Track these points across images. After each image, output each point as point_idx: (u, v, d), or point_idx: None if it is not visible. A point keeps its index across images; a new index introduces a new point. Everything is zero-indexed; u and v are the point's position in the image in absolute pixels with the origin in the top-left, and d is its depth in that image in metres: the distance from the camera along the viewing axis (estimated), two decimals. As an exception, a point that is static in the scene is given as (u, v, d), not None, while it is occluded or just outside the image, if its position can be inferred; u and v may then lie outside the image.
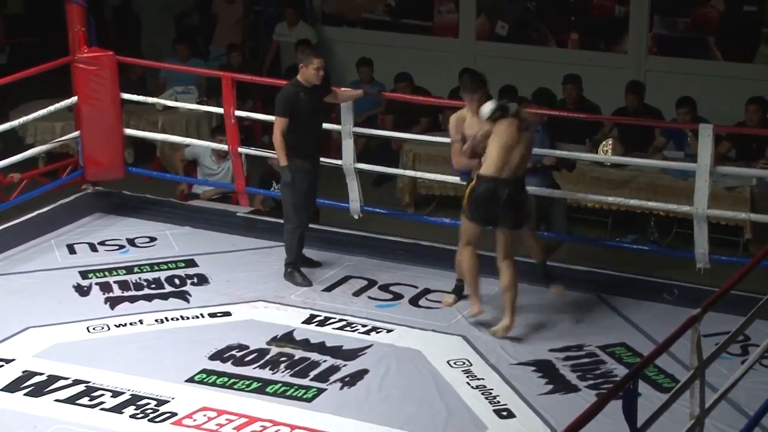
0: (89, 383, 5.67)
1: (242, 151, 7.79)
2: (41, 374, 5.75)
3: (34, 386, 5.65)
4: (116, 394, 5.58)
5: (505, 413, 5.45)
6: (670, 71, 10.25)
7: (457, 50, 11.13)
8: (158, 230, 7.65)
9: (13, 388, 5.64)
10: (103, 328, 6.31)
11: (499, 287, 6.25)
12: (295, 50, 11.12)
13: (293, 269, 6.90)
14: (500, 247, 6.20)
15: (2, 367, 5.83)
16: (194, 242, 7.47)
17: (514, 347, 6.08)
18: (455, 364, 5.91)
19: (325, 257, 7.18)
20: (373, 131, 8.34)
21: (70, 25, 7.81)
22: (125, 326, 6.33)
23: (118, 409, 5.46)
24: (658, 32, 10.48)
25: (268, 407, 5.49)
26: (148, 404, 5.49)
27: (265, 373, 5.82)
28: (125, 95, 8.03)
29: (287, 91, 6.80)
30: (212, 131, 9.23)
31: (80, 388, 5.64)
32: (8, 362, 5.87)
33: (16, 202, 7.62)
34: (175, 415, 5.42)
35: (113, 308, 6.55)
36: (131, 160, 9.17)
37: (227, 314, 6.49)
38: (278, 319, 6.42)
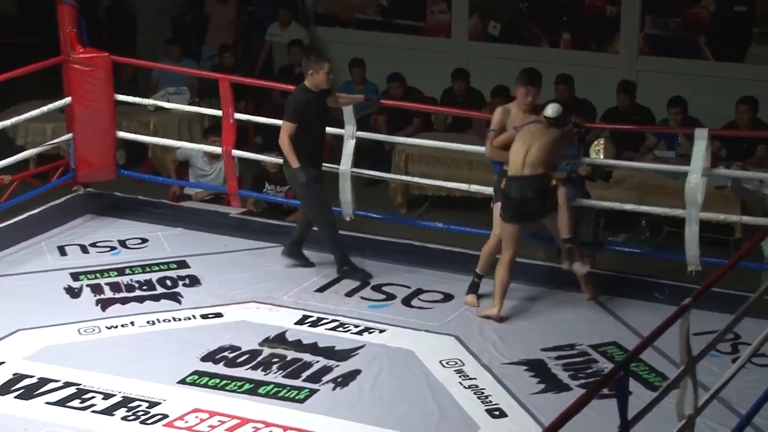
0: (80, 385, 5.65)
1: (236, 153, 7.77)
2: (32, 377, 5.73)
3: (24, 389, 5.63)
4: (107, 396, 5.57)
5: (497, 413, 5.46)
6: (661, 71, 10.27)
7: (449, 50, 11.14)
8: (150, 231, 7.64)
9: (3, 390, 5.62)
10: (94, 330, 6.29)
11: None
12: (287, 51, 11.14)
13: (349, 267, 6.91)
14: (552, 231, 6.53)
15: (-7, 369, 5.82)
16: (186, 243, 7.46)
17: (506, 347, 6.09)
18: (447, 364, 5.91)
19: (317, 258, 7.17)
20: (369, 134, 8.28)
21: (61, 25, 7.78)
22: (116, 328, 6.31)
23: (109, 411, 5.45)
24: (649, 32, 10.50)
25: (260, 408, 5.48)
26: (139, 406, 5.48)
27: (257, 374, 5.81)
28: (118, 96, 8.02)
29: (298, 96, 6.82)
30: (204, 132, 9.22)
31: (71, 390, 5.62)
32: (-1, 365, 5.86)
33: (6, 205, 7.59)
34: (166, 417, 5.40)
35: (104, 310, 6.54)
36: (123, 161, 9.15)
37: (219, 315, 6.48)
38: (270, 320, 6.42)
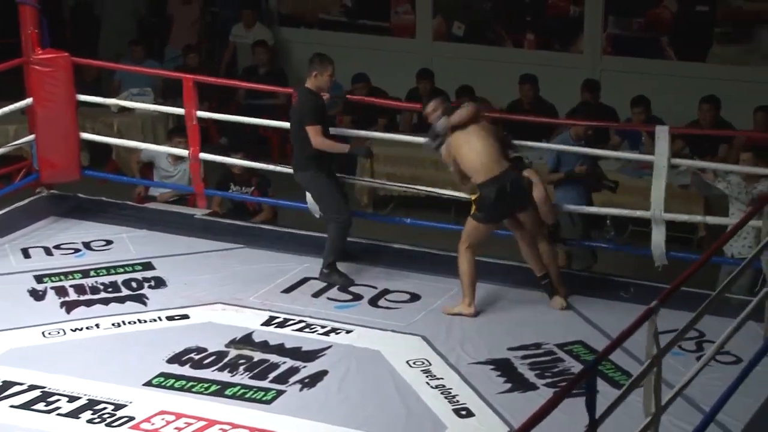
0: (45, 388, 5.61)
1: (203, 156, 7.74)
2: (-4, 380, 5.69)
3: (-11, 392, 5.59)
4: (73, 399, 5.53)
5: (464, 412, 5.47)
6: (624, 71, 10.35)
7: (414, 51, 11.16)
8: (115, 233, 7.59)
9: (-33, 394, 5.58)
10: (59, 332, 6.25)
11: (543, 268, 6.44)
12: (252, 51, 11.11)
13: (332, 270, 6.81)
14: (531, 230, 6.41)
15: (-44, 373, 5.76)
16: (151, 245, 7.42)
17: (472, 347, 6.11)
18: (414, 364, 5.92)
19: (284, 258, 7.16)
20: (336, 130, 8.29)
21: (22, 26, 7.73)
22: (81, 330, 6.27)
23: (74, 414, 5.41)
24: (612, 32, 10.57)
25: (226, 410, 5.47)
26: (105, 409, 5.44)
27: (223, 375, 5.79)
28: (81, 96, 7.97)
29: (312, 99, 6.75)
30: (168, 133, 9.18)
31: (36, 393, 5.58)
32: (-38, 368, 5.81)
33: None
34: (132, 419, 5.38)
35: (69, 312, 6.49)
36: (87, 163, 9.09)
37: (185, 317, 6.45)
38: (237, 321, 6.40)
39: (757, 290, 6.03)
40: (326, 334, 6.24)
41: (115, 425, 5.32)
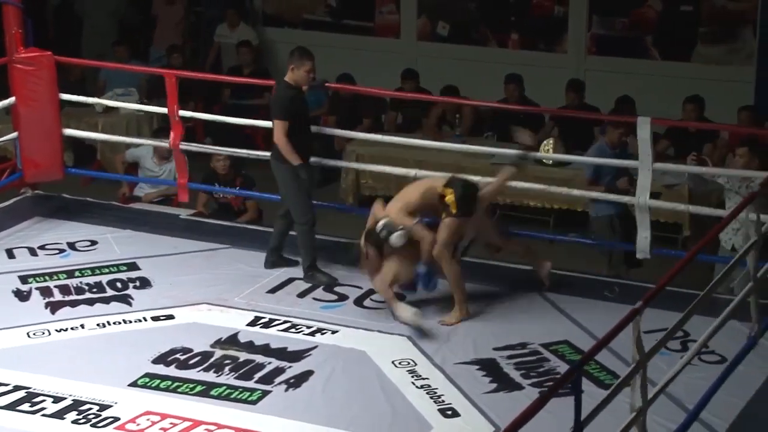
0: (30, 389, 5.60)
1: (184, 147, 7.71)
2: (-20, 381, 5.67)
3: (-27, 393, 5.57)
4: (57, 399, 5.51)
5: (449, 412, 5.48)
6: (609, 71, 10.38)
7: (398, 51, 11.17)
8: (99, 234, 7.56)
9: (-49, 395, 5.56)
10: (43, 333, 6.23)
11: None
12: (236, 52, 11.10)
13: (314, 271, 6.81)
14: (496, 241, 6.60)
15: (-60, 374, 5.73)
16: (136, 245, 7.40)
17: (458, 347, 6.11)
18: (400, 364, 5.92)
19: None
20: (320, 129, 8.27)
21: (6, 26, 7.72)
22: (66, 331, 6.25)
23: (59, 414, 5.40)
24: (596, 32, 10.61)
25: (212, 410, 5.46)
26: (90, 409, 5.43)
27: (209, 376, 5.78)
28: (65, 96, 7.95)
29: (283, 93, 6.69)
30: (154, 133, 9.16)
31: (21, 394, 5.56)
32: (-54, 369, 5.79)
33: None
34: (118, 419, 5.36)
35: (54, 313, 6.47)
36: (71, 163, 9.07)
37: (170, 317, 6.44)
38: (222, 321, 6.39)
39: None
40: (312, 334, 6.24)
41: (100, 426, 5.31)
